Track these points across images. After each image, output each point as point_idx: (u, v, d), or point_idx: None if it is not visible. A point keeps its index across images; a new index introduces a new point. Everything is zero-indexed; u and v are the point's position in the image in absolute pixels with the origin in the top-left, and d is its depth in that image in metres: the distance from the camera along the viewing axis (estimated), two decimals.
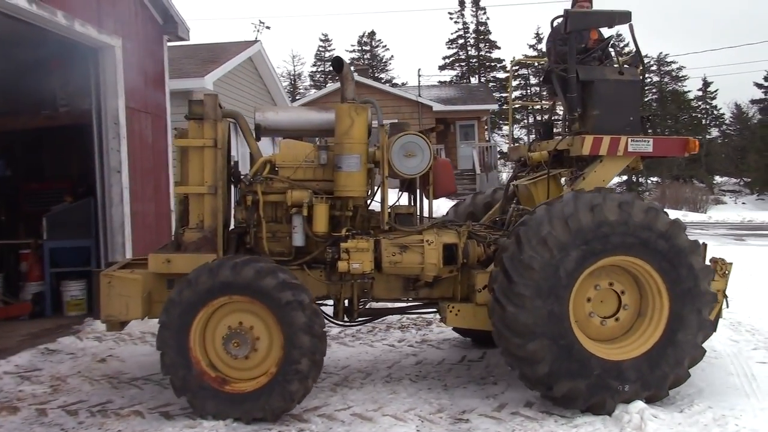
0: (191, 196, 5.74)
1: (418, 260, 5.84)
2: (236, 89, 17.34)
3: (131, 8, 10.24)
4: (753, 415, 5.21)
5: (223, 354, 5.29)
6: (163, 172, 11.11)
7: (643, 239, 5.37)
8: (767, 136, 41.49)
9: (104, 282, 5.52)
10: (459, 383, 6.25)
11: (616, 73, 6.21)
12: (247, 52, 17.70)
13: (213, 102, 5.69)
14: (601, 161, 6.09)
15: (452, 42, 64.50)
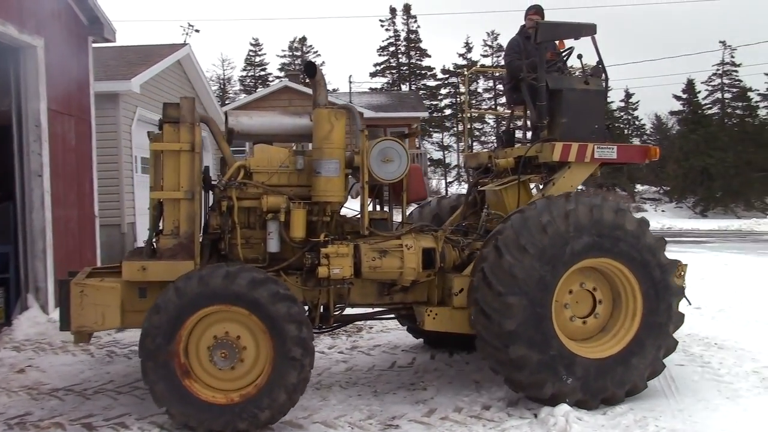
0: (166, 202, 5.55)
1: (397, 265, 5.85)
2: (164, 92, 17.01)
3: (55, 8, 9.95)
4: (672, 416, 5.39)
5: (208, 364, 5.15)
6: (87, 176, 10.83)
7: (615, 239, 5.61)
8: (685, 147, 43.01)
9: (76, 291, 5.26)
10: (389, 389, 6.27)
11: (582, 83, 6.43)
12: (176, 55, 17.39)
13: (190, 105, 5.56)
14: (569, 167, 6.29)
15: (383, 49, 64.81)
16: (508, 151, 6.90)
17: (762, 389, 5.99)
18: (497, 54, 63.37)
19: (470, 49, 63.52)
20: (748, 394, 5.86)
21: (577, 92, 6.38)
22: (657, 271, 5.72)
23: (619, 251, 5.64)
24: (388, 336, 8.43)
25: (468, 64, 63.32)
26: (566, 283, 5.69)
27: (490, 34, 63.73)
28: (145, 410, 5.67)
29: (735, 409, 5.51)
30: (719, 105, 50.30)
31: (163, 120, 5.55)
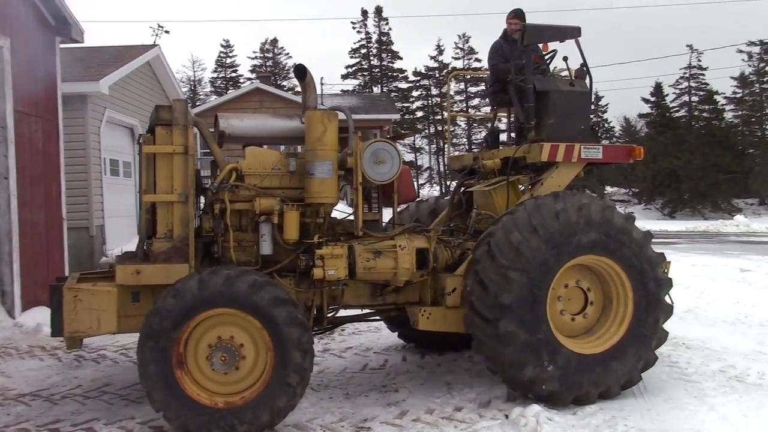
0: (159, 205, 5.47)
1: (391, 265, 5.88)
2: (134, 94, 16.86)
3: (21, 8, 9.81)
4: (640, 415, 5.44)
5: (206, 367, 5.09)
6: (54, 179, 10.69)
7: (620, 243, 5.78)
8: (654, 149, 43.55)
9: (69, 296, 5.13)
10: (361, 391, 6.27)
11: (567, 85, 6.58)
12: (145, 56, 17.24)
13: (183, 107, 5.50)
14: (557, 167, 6.40)
15: (355, 51, 64.91)
16: (495, 153, 6.98)
17: (728, 388, 6.07)
18: (468, 57, 63.80)
19: (441, 51, 63.82)
20: (715, 393, 5.94)
21: (564, 94, 6.51)
22: (652, 284, 5.86)
23: (621, 255, 5.79)
24: (360, 338, 8.44)
25: (439, 67, 63.63)
26: (565, 274, 5.81)
27: (461, 36, 64.14)
28: (113, 415, 5.62)
29: (702, 408, 5.58)
30: (686, 108, 51.04)
31: (155, 122, 5.48)
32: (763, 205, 42.76)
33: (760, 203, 43.02)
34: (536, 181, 6.49)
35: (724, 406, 5.62)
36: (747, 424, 5.20)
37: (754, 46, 49.99)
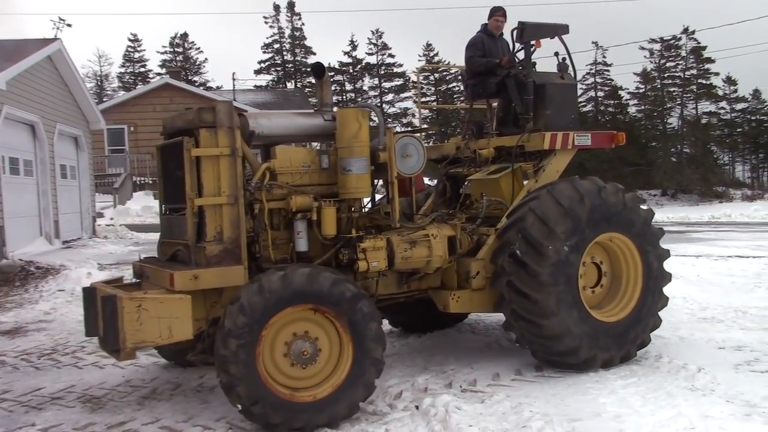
0: (207, 208, 5.38)
1: (425, 254, 6.12)
2: (35, 90, 16.25)
3: None
4: (545, 401, 5.61)
5: (284, 363, 5.21)
6: None
7: (632, 220, 6.50)
8: None
9: (132, 306, 4.90)
10: None
11: (558, 78, 7.15)
12: (46, 50, 16.66)
13: (227, 109, 5.45)
14: (554, 155, 6.91)
15: (268, 46, 64.23)
16: (489, 141, 7.43)
17: (628, 372, 6.31)
18: (382, 52, 64.02)
19: (355, 47, 63.86)
20: (615, 377, 6.17)
21: (558, 86, 7.07)
22: (656, 256, 6.68)
23: (633, 231, 6.52)
24: None
25: (353, 62, 63.69)
26: (588, 251, 6.42)
27: (375, 32, 64.21)
28: (12, 423, 5.43)
29: (603, 392, 5.78)
30: (593, 103, 52.76)
31: (198, 125, 5.41)
32: (665, 195, 44.58)
33: (662, 194, 44.83)
34: (539, 167, 6.94)
35: (624, 388, 5.84)
36: (644, 405, 5.43)
37: (654, 43, 52.11)
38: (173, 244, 5.79)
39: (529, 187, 6.80)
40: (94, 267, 13.47)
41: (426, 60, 64.56)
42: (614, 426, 5.04)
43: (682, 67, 54.66)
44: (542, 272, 6.02)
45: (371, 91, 64.09)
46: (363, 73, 65.04)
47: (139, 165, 32.42)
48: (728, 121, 59.51)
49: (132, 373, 6.76)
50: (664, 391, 5.74)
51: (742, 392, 5.67)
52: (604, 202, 6.34)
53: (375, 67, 64.62)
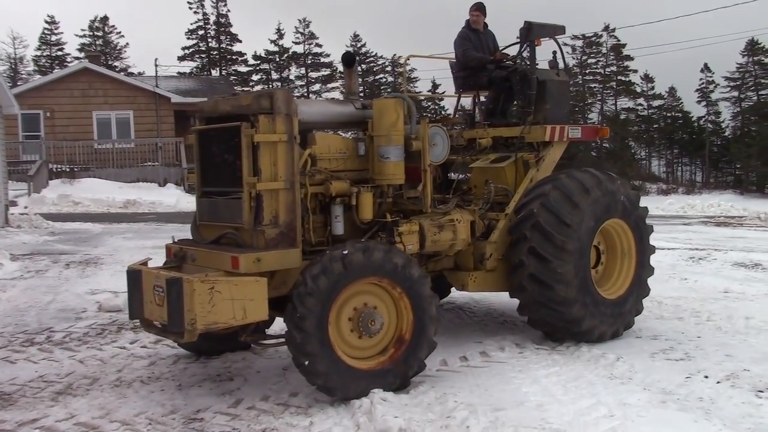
0: (264, 193, 5.49)
1: (450, 237, 6.57)
2: None
3: None
4: (470, 390, 5.66)
5: (348, 335, 5.53)
6: None
7: (623, 203, 7.03)
8: None
9: (203, 288, 5.00)
10: (194, 382, 6.09)
11: (555, 75, 7.68)
12: None
13: (285, 96, 5.59)
14: (552, 146, 7.49)
15: (192, 33, 62.89)
16: (488, 131, 7.85)
17: (550, 361, 6.43)
18: (309, 42, 63.53)
19: (282, 35, 63.14)
20: (538, 366, 6.27)
21: (556, 83, 7.62)
22: (645, 237, 7.33)
23: (630, 217, 7.15)
24: None
25: (280, 51, 63.02)
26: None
27: (302, 21, 63.68)
28: None
29: (526, 381, 5.87)
30: None
31: (257, 111, 5.50)
32: None
33: None
34: (540, 158, 7.43)
35: (546, 377, 5.95)
36: (566, 394, 5.54)
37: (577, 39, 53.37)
38: (218, 227, 5.87)
39: (532, 175, 7.30)
40: (6, 257, 12.92)
41: (353, 50, 64.40)
42: (537, 415, 5.12)
43: (602, 63, 56.18)
44: (566, 241, 6.53)
45: (298, 80, 63.62)
46: (290, 62, 64.43)
47: (55, 152, 31.26)
48: (645, 117, 61.56)
49: (45, 368, 6.50)
50: (584, 380, 5.87)
51: (658, 380, 5.84)
52: (613, 190, 6.91)
53: (302, 57, 64.10)
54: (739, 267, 12.06)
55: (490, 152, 7.73)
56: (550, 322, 6.86)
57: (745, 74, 59.67)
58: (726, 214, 26.41)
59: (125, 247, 14.87)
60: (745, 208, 28.26)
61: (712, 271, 11.68)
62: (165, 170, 31.29)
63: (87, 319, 8.44)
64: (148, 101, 33.16)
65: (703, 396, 5.46)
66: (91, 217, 22.90)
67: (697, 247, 14.38)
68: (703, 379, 5.88)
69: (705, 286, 10.05)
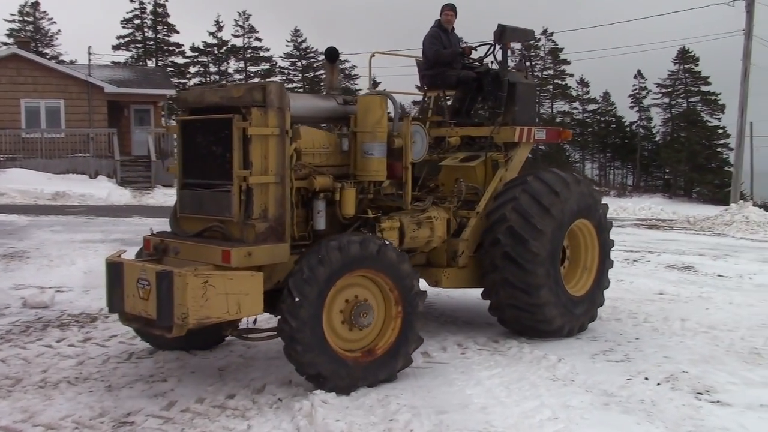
0: (254, 186, 5.41)
1: (428, 234, 6.70)
2: None
3: None
4: (412, 392, 5.55)
5: (340, 326, 5.59)
6: None
7: (589, 204, 7.29)
8: None
9: (197, 283, 4.93)
10: (125, 383, 5.81)
11: (524, 78, 7.93)
12: None
13: (278, 90, 5.52)
14: (520, 146, 7.65)
15: (128, 22, 61.29)
16: (457, 130, 7.95)
17: (493, 362, 6.38)
18: (249, 35, 62.71)
19: (221, 28, 62.16)
20: (480, 367, 6.21)
21: (524, 85, 7.83)
22: (606, 234, 7.63)
23: (595, 216, 7.43)
24: None
25: (218, 43, 62.07)
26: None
27: (241, 14, 62.75)
28: None
29: (470, 383, 5.80)
30: None
31: (250, 103, 5.43)
32: None
33: None
34: (509, 158, 7.58)
35: (489, 379, 5.89)
36: (509, 396, 5.48)
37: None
38: (202, 220, 5.73)
39: (501, 175, 7.43)
40: None
41: (294, 45, 63.92)
42: (481, 418, 5.05)
43: (540, 67, 57.03)
44: (540, 246, 6.67)
45: (237, 74, 62.65)
46: (228, 56, 63.45)
47: None
48: (580, 121, 62.74)
49: None
50: (527, 382, 5.83)
51: (600, 382, 5.85)
52: (576, 193, 7.06)
53: (241, 50, 63.22)
54: (672, 269, 12.30)
55: (458, 151, 7.86)
56: (522, 323, 6.99)
57: (675, 81, 61.35)
58: (657, 217, 27.02)
59: (53, 241, 14.26)
60: (675, 212, 29.00)
61: (647, 273, 11.86)
62: (96, 162, 30.36)
63: (10, 316, 8.03)
64: (80, 90, 32.08)
65: (644, 398, 5.48)
66: (17, 208, 22.02)
67: (632, 249, 14.60)
68: (643, 380, 5.91)
69: (641, 288, 10.18)
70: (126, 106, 33.86)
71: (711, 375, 6.04)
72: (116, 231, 16.21)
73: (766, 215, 21.99)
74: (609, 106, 64.11)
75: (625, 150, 63.25)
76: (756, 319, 8.25)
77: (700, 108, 59.96)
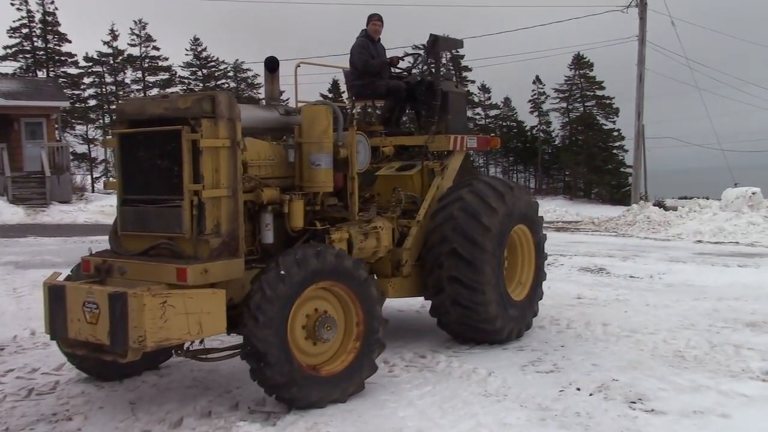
0: (206, 201, 5.19)
1: (374, 244, 6.68)
2: None
3: None
4: (342, 419, 5.25)
5: (303, 342, 5.47)
6: None
7: (528, 209, 7.51)
8: None
9: (154, 304, 4.70)
10: (25, 424, 5.28)
11: (455, 87, 7.98)
12: None
13: (227, 100, 5.32)
14: (453, 155, 7.74)
15: (15, 30, 58.38)
16: (390, 140, 7.92)
17: (422, 380, 6.15)
18: (146, 44, 60.88)
19: (116, 37, 60.01)
20: (410, 386, 5.97)
21: (456, 94, 7.90)
22: (541, 241, 7.83)
23: (532, 222, 7.62)
24: (23, 357, 7.18)
25: (114, 53, 60.01)
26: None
27: (138, 22, 60.81)
28: None
29: (401, 404, 5.54)
30: None
31: (201, 114, 5.20)
32: None
33: None
34: (444, 166, 7.64)
35: (421, 399, 5.65)
36: (443, 416, 5.26)
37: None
38: (146, 237, 5.45)
39: (438, 183, 7.49)
40: None
41: (194, 54, 62.45)
42: None
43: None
44: (486, 243, 6.79)
45: (134, 84, 60.63)
46: (125, 65, 61.34)
47: None
48: (483, 126, 63.78)
49: None
50: (460, 399, 5.63)
51: (533, 395, 5.70)
52: (517, 199, 7.23)
53: (138, 60, 61.25)
54: (586, 272, 12.47)
55: (391, 160, 7.86)
56: (464, 322, 7.01)
57: (572, 86, 63.24)
58: (562, 219, 27.67)
59: None
60: (578, 213, 29.86)
61: (562, 276, 11.96)
62: None
63: None
64: None
65: (579, 410, 5.36)
66: None
67: None
68: (576, 391, 5.81)
69: (558, 293, 10.19)
70: (16, 120, 32.05)
71: (641, 382, 6.00)
72: (9, 252, 15.22)
73: (665, 214, 22.81)
74: (510, 112, 65.51)
75: (526, 154, 64.74)
76: (674, 320, 8.36)
77: (595, 112, 61.99)
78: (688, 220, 21.43)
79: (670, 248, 16.55)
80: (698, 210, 22.26)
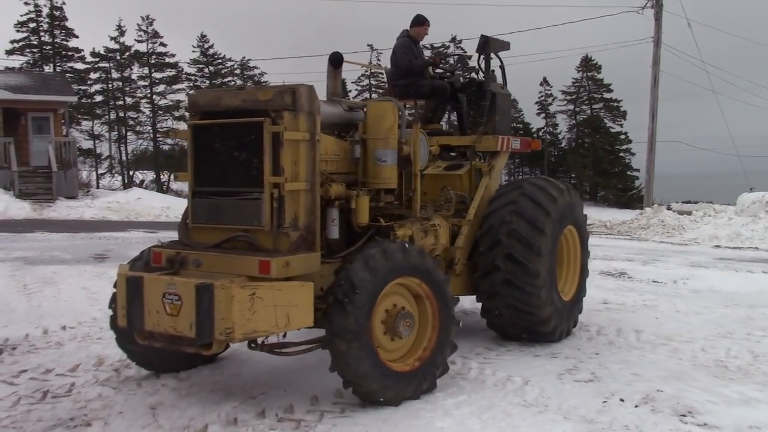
0: (286, 194, 5.15)
1: (432, 242, 6.68)
2: None
3: None
4: (377, 428, 4.97)
5: (382, 337, 5.45)
6: None
7: (574, 210, 7.56)
8: None
9: (243, 296, 4.66)
10: (41, 429, 5.03)
11: (501, 88, 7.97)
12: None
13: (308, 93, 5.24)
14: (499, 155, 7.79)
15: (23, 25, 58.23)
16: (437, 139, 7.64)
17: (456, 388, 5.81)
18: (153, 40, 60.69)
19: (123, 32, 59.85)
20: (444, 395, 5.64)
21: (503, 96, 7.93)
22: (586, 241, 7.97)
23: (579, 221, 7.76)
24: (36, 357, 6.90)
25: (121, 49, 59.84)
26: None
27: (145, 18, 60.61)
28: None
29: (437, 413, 5.25)
30: None
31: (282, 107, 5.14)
32: None
33: None
34: (491, 166, 7.69)
35: (457, 408, 5.37)
36: (484, 428, 4.97)
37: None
38: (221, 230, 5.37)
39: (486, 183, 7.50)
40: None
41: (201, 51, 62.23)
42: None
43: None
44: (541, 246, 6.85)
45: (141, 80, 60.44)
46: (132, 61, 61.12)
47: None
48: None
49: None
50: (498, 409, 5.35)
51: (575, 406, 5.43)
52: (568, 200, 7.32)
53: (145, 56, 61.02)
54: (608, 276, 12.19)
55: (438, 160, 7.78)
56: (518, 324, 7.08)
57: (579, 89, 63.10)
58: None
59: None
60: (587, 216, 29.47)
61: None
62: None
63: None
64: None
65: (627, 423, 5.08)
66: None
67: None
68: (620, 403, 5.53)
69: None
70: (23, 114, 31.89)
71: (687, 393, 5.73)
72: (18, 248, 14.97)
73: (680, 218, 22.52)
74: (517, 113, 65.29)
75: (533, 156, 64.53)
76: (709, 328, 8.08)
77: (603, 114, 61.78)
78: (703, 224, 21.17)
79: (689, 253, 16.29)
80: (713, 215, 22.00)
